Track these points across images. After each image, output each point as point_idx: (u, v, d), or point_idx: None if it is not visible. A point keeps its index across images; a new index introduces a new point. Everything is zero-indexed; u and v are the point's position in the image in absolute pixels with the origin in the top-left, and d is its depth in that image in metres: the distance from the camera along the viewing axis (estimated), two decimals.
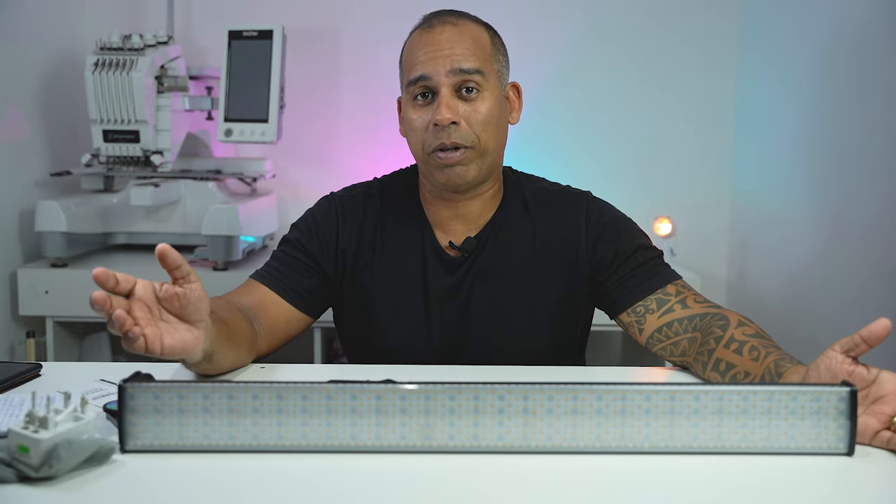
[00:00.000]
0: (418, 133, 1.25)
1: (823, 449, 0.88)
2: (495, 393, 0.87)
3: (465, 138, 1.23)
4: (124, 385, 0.87)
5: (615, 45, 2.77)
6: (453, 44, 1.23)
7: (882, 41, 1.99)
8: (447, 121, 1.21)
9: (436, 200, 1.32)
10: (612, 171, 2.78)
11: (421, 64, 1.23)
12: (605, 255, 1.30)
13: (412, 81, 1.24)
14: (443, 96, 1.22)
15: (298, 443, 0.87)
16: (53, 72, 2.52)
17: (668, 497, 0.82)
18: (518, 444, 0.88)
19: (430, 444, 0.88)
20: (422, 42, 1.25)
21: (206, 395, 0.87)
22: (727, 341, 1.11)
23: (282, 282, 1.29)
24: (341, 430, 0.87)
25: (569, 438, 0.88)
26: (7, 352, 2.30)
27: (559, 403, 0.87)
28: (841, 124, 2.17)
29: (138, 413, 0.87)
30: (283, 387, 0.87)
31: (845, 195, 2.14)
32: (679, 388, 0.88)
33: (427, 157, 1.26)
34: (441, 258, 1.32)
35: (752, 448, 0.88)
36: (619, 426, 0.88)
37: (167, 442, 0.87)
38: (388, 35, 2.86)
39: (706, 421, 0.88)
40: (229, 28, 2.38)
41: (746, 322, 1.14)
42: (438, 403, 0.87)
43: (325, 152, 2.79)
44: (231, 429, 0.87)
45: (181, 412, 0.87)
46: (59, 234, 2.26)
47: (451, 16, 1.28)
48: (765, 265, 2.63)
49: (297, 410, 0.87)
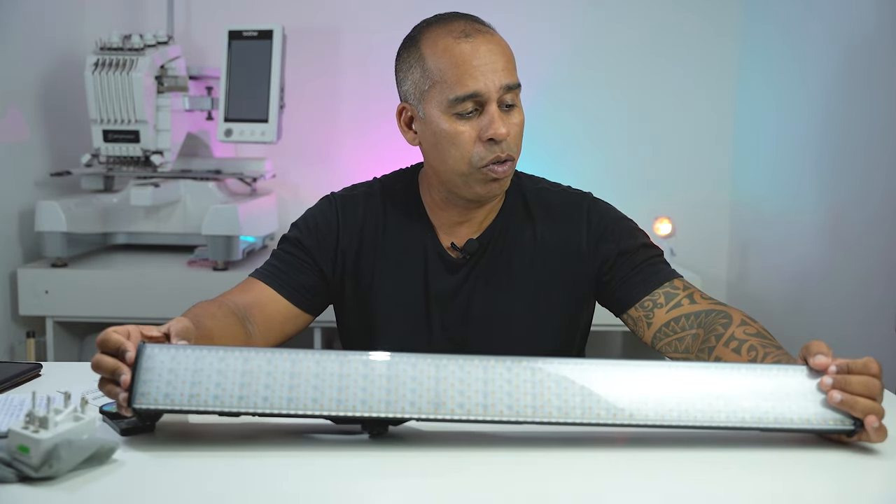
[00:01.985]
0: (464, 146, 1.22)
1: (830, 425, 0.90)
2: (504, 363, 0.91)
3: (514, 151, 1.24)
4: (143, 344, 0.89)
5: (615, 45, 2.77)
6: (496, 57, 1.21)
7: (882, 41, 1.99)
8: (505, 136, 1.21)
9: (447, 206, 1.31)
10: (612, 171, 2.78)
11: (472, 79, 1.19)
12: (608, 254, 1.30)
13: (463, 97, 1.20)
14: (495, 111, 1.21)
15: (310, 406, 0.88)
16: (53, 72, 2.52)
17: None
18: (528, 413, 0.89)
19: (439, 412, 0.88)
20: (466, 54, 1.20)
21: (222, 358, 0.89)
22: (727, 339, 1.11)
23: (279, 278, 1.29)
24: (352, 395, 0.88)
25: (578, 408, 0.89)
26: (7, 352, 2.30)
27: (570, 374, 0.91)
28: (841, 124, 2.17)
29: (153, 371, 0.88)
30: (297, 353, 0.90)
31: (845, 195, 2.14)
32: (690, 366, 0.93)
33: (475, 170, 1.23)
34: (443, 259, 1.32)
35: (760, 423, 0.90)
36: (628, 399, 0.90)
37: (177, 401, 0.87)
38: (388, 35, 2.85)
39: (714, 395, 0.91)
40: (229, 28, 2.39)
41: (749, 321, 1.14)
42: (448, 371, 0.89)
43: (325, 152, 2.79)
44: (243, 389, 0.88)
45: (195, 372, 0.88)
46: (59, 234, 2.26)
47: (479, 23, 1.26)
48: (765, 265, 2.63)
49: (310, 375, 0.89)
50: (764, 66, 2.62)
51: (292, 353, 0.90)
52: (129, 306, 2.26)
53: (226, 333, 1.13)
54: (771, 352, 1.06)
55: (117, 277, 2.28)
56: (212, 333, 1.09)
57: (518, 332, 1.31)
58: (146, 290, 2.26)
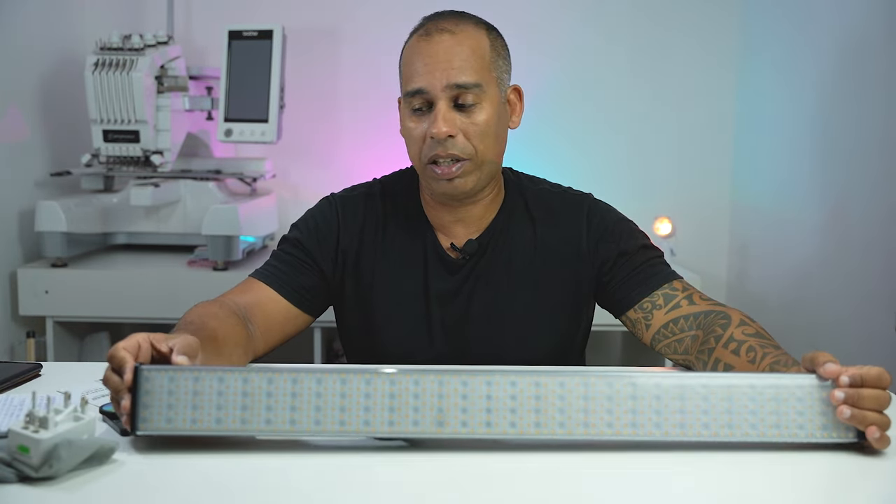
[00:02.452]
0: (416, 143, 1.25)
1: (833, 438, 0.90)
2: (507, 378, 0.89)
3: (464, 150, 1.22)
4: (140, 367, 0.87)
5: (615, 45, 2.77)
6: (451, 56, 1.21)
7: (882, 42, 1.99)
8: (444, 135, 1.20)
9: (437, 205, 1.32)
10: (612, 170, 2.78)
11: (419, 76, 1.22)
12: (608, 255, 1.30)
13: (409, 93, 1.23)
14: (439, 109, 1.21)
15: (311, 428, 0.87)
16: (53, 72, 2.52)
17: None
18: (531, 431, 0.88)
19: (444, 431, 0.88)
20: (420, 52, 1.23)
21: (222, 379, 0.88)
22: (726, 340, 1.11)
23: (280, 279, 1.29)
24: (354, 416, 0.88)
25: (581, 425, 0.89)
26: (7, 352, 2.30)
27: (570, 389, 0.89)
28: (841, 124, 2.17)
29: (152, 395, 0.87)
30: (298, 371, 0.88)
31: (846, 195, 2.14)
32: (689, 379, 0.90)
33: (424, 167, 1.26)
34: (442, 260, 1.32)
35: (762, 437, 0.89)
36: (630, 412, 0.89)
37: (179, 426, 0.87)
38: (388, 35, 2.85)
39: (716, 409, 0.89)
40: (229, 28, 2.39)
41: (748, 321, 1.14)
42: (451, 388, 0.88)
43: (325, 152, 2.79)
44: (244, 413, 0.87)
45: (195, 395, 0.87)
46: (59, 234, 2.26)
47: (449, 21, 1.25)
48: (765, 265, 2.63)
49: (312, 395, 0.88)
50: (764, 66, 2.62)
51: (293, 372, 0.88)
52: (129, 306, 2.26)
53: (230, 334, 1.13)
54: (770, 352, 1.06)
55: (117, 277, 2.28)
56: (216, 334, 1.09)
57: (518, 333, 1.31)
58: (146, 290, 2.26)
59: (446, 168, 1.23)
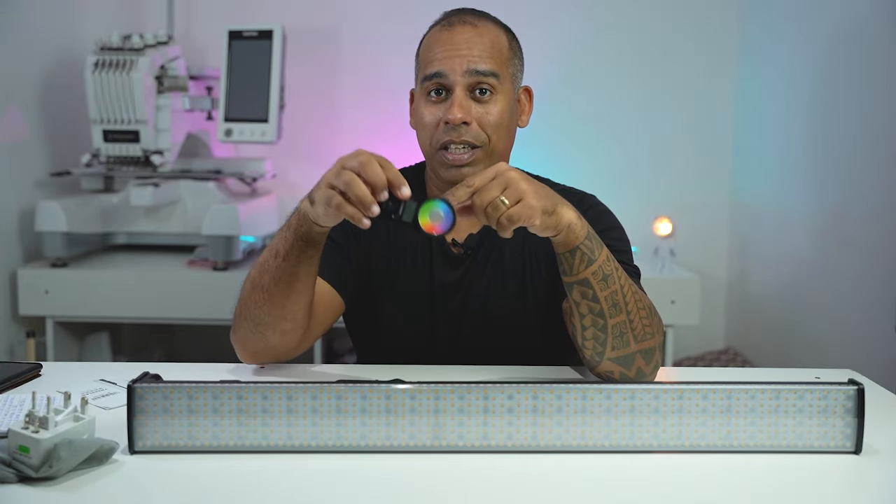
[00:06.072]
0: (428, 129, 1.26)
1: (831, 447, 0.89)
2: (505, 392, 0.88)
3: (477, 138, 1.24)
4: (133, 385, 0.87)
5: (615, 45, 2.77)
6: (472, 44, 1.24)
7: (882, 42, 1.99)
8: (459, 120, 1.22)
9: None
10: (612, 171, 2.78)
11: (438, 61, 1.24)
12: None
13: (427, 77, 1.25)
14: (457, 96, 1.23)
15: (308, 443, 0.87)
16: (53, 72, 2.52)
17: (676, 495, 0.82)
18: (527, 443, 0.88)
19: (440, 444, 0.88)
20: (440, 39, 1.26)
21: (216, 396, 0.87)
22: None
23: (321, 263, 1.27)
24: (351, 430, 0.88)
25: (578, 437, 0.88)
26: (7, 352, 2.30)
27: (568, 402, 0.88)
28: (841, 124, 2.17)
29: (147, 414, 0.87)
30: (293, 387, 0.88)
31: (845, 195, 2.14)
32: (687, 387, 0.89)
33: (434, 152, 1.27)
34: (446, 255, 1.33)
35: (759, 446, 0.89)
36: (629, 425, 0.88)
37: (176, 443, 0.87)
38: (388, 35, 2.86)
39: (714, 419, 0.89)
40: (229, 28, 2.39)
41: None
42: (448, 403, 0.88)
43: (325, 152, 2.79)
44: (241, 429, 0.87)
45: (191, 412, 0.87)
46: (59, 234, 2.26)
47: (471, 16, 1.28)
48: (764, 265, 2.63)
49: (307, 410, 0.87)
50: (764, 66, 2.62)
51: (287, 386, 0.88)
52: (129, 306, 2.26)
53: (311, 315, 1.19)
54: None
55: (117, 277, 2.28)
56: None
57: (518, 325, 1.32)
58: (146, 290, 2.26)
59: (458, 154, 1.24)
